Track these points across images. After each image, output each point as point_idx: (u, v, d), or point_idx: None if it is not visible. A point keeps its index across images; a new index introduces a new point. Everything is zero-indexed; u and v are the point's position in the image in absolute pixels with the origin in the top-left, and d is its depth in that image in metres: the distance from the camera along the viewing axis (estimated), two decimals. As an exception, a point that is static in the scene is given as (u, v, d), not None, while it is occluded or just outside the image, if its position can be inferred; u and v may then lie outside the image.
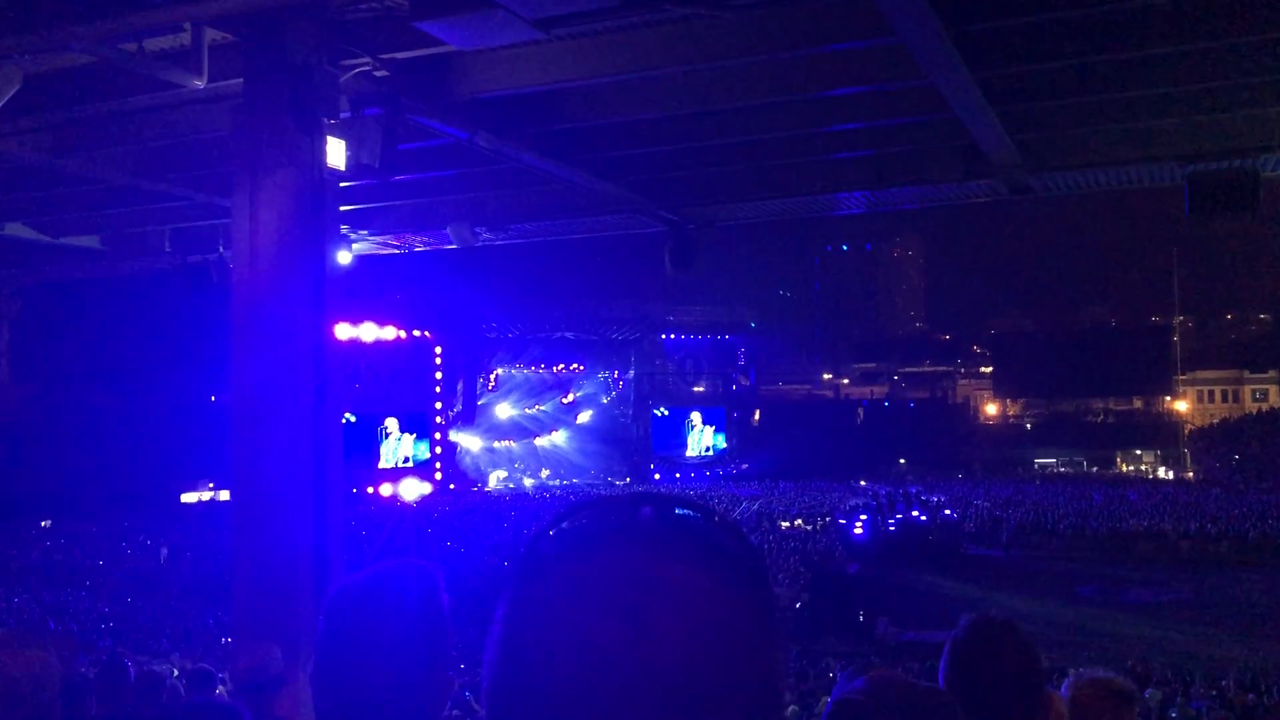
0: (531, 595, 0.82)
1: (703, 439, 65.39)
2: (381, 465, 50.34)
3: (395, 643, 1.74)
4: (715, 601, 0.80)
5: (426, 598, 1.81)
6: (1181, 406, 78.56)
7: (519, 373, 60.37)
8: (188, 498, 48.14)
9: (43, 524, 39.86)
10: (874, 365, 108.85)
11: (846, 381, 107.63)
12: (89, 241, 19.52)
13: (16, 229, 18.14)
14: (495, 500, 49.94)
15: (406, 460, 51.44)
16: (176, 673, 11.19)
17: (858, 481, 56.29)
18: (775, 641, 0.84)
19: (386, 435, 50.98)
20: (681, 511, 0.86)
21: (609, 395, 63.79)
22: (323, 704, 1.76)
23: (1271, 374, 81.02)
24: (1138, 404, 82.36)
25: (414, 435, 52.04)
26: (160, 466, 44.93)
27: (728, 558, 0.83)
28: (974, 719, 2.01)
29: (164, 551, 29.68)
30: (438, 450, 53.11)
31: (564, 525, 0.86)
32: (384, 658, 1.73)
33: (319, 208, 9.07)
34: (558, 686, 0.77)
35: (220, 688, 7.32)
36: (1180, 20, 9.86)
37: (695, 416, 65.51)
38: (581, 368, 62.21)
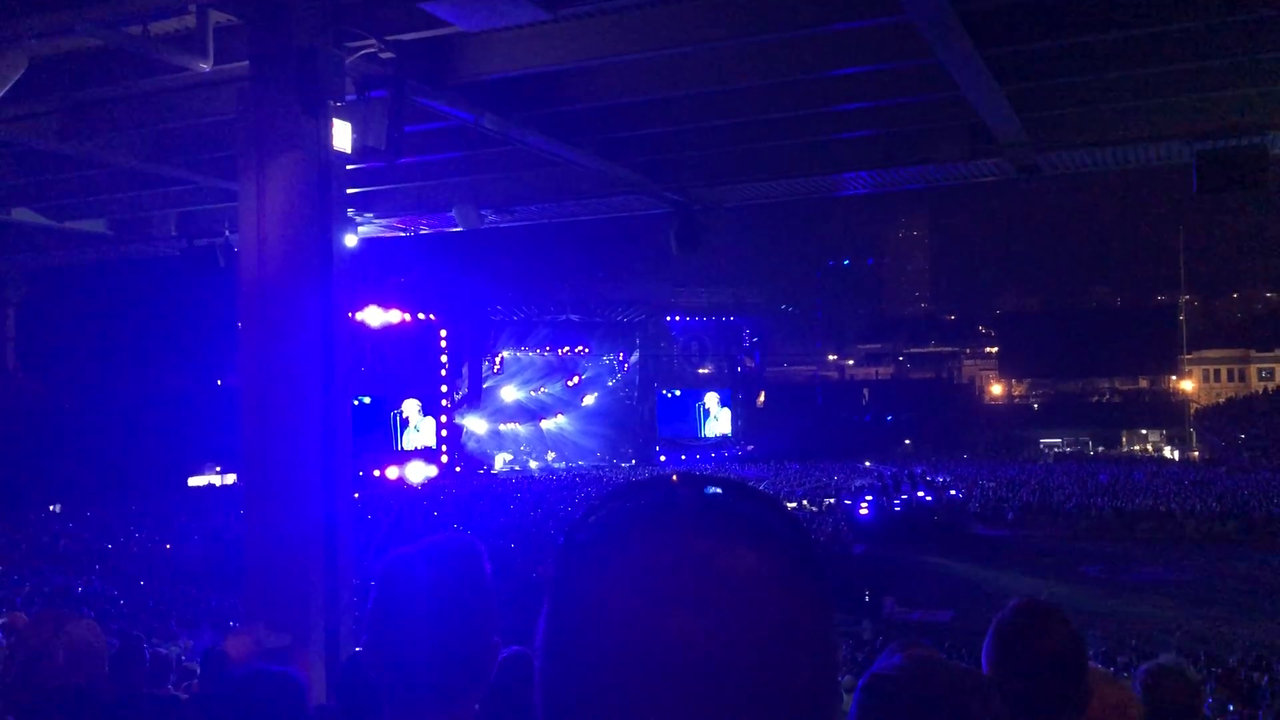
0: (573, 588, 0.80)
1: (719, 423, 65.28)
2: (405, 447, 50.70)
3: (445, 611, 1.80)
4: (766, 582, 0.76)
5: (472, 568, 1.87)
6: (1187, 386, 78.39)
7: (524, 355, 60.42)
8: (195, 481, 48.28)
9: (51, 508, 40.00)
10: (879, 346, 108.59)
11: (851, 362, 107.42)
12: (95, 226, 19.53)
13: (23, 214, 18.15)
14: (501, 482, 50.06)
15: (429, 448, 51.76)
16: (183, 656, 11.29)
17: (863, 462, 56.31)
18: (830, 620, 0.80)
19: (406, 422, 51.12)
20: (721, 490, 0.83)
21: (614, 378, 63.79)
22: (378, 671, 1.84)
23: (1278, 352, 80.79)
24: (1143, 383, 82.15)
25: (431, 419, 52.33)
26: (167, 450, 44.99)
27: (774, 536, 0.80)
28: (1017, 702, 2.02)
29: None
30: (444, 433, 53.22)
31: (601, 512, 0.83)
32: (435, 625, 1.79)
33: (325, 190, 9.07)
34: (609, 679, 0.75)
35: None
36: (1189, -3, 9.82)
37: (710, 399, 65.32)
38: (587, 350, 62.20)
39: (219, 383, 45.37)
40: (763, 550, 0.78)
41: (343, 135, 9.37)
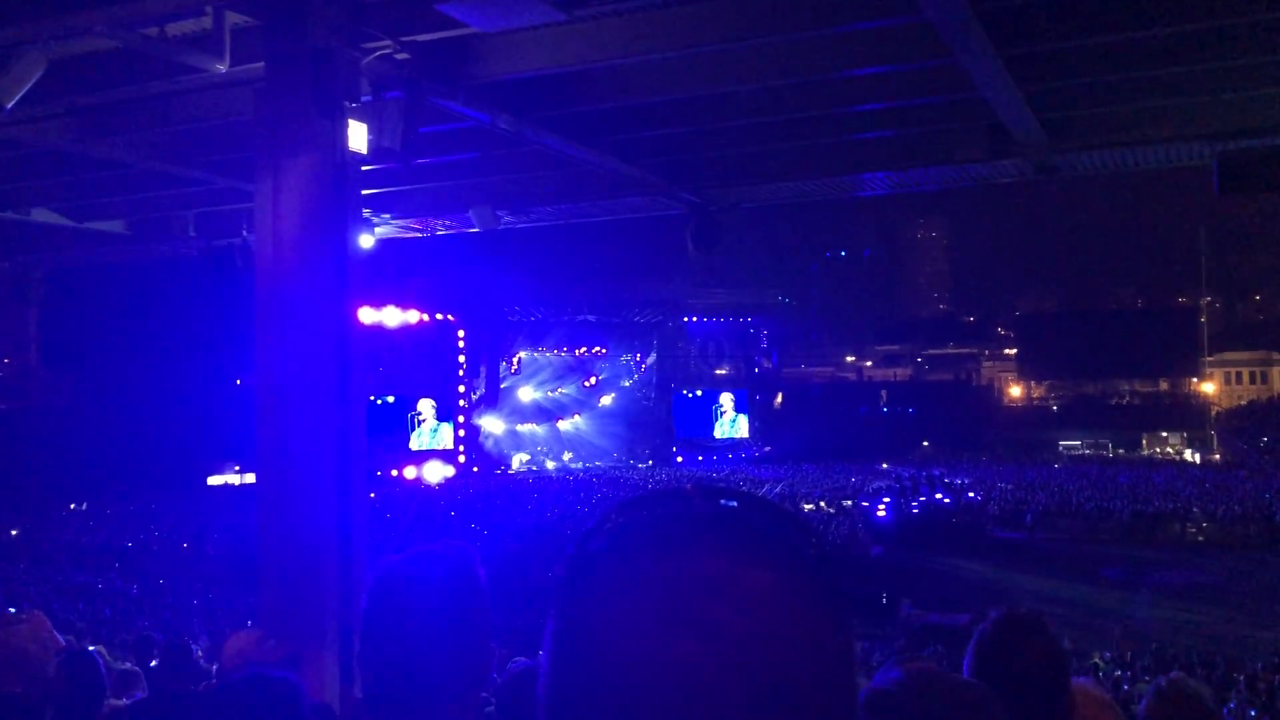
0: (583, 602, 0.77)
1: (736, 424, 65.25)
2: (414, 448, 50.84)
3: (438, 617, 1.82)
4: (780, 601, 0.74)
5: (465, 575, 1.90)
6: (1209, 388, 77.77)
7: (541, 356, 60.52)
8: (214, 480, 48.56)
9: (71, 506, 40.31)
10: (897, 347, 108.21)
11: (870, 363, 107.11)
12: (114, 226, 19.66)
13: (43, 214, 18.28)
14: (518, 482, 50.16)
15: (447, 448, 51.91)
16: (200, 652, 11.36)
17: (881, 464, 56.12)
18: (847, 639, 0.77)
19: (421, 421, 51.26)
20: (739, 504, 0.80)
21: (631, 378, 63.81)
22: (371, 679, 1.85)
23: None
24: (1164, 386, 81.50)
25: (447, 422, 52.50)
26: (187, 449, 45.31)
27: (791, 552, 0.77)
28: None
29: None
30: (461, 433, 53.38)
31: (614, 521, 0.80)
32: (428, 632, 1.82)
33: (341, 191, 9.07)
34: (616, 696, 0.71)
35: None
36: (1211, -4, 9.72)
37: (727, 400, 65.25)
38: (604, 350, 62.24)
39: (238, 382, 45.60)
40: (778, 567, 0.75)
41: (358, 136, 9.37)
